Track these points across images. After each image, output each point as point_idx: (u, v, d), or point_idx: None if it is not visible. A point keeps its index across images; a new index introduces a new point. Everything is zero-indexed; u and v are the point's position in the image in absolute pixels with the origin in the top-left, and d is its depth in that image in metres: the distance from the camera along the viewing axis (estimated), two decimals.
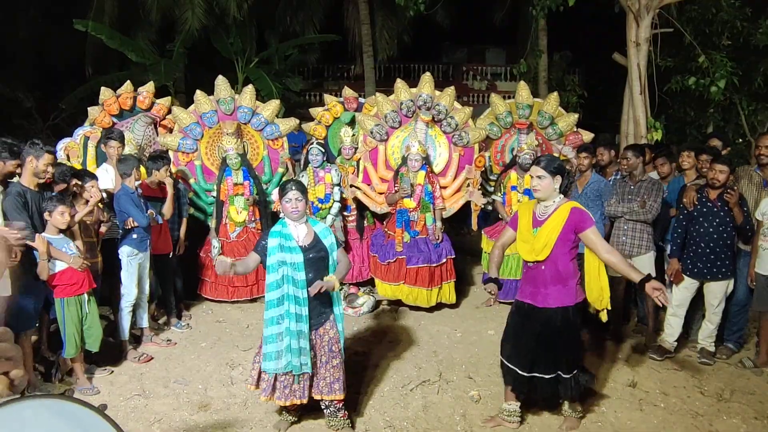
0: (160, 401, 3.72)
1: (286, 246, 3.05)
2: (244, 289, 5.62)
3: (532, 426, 3.41)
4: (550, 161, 3.10)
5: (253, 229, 5.68)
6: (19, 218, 3.52)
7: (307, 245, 3.09)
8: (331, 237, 3.20)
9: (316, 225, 3.22)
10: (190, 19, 10.56)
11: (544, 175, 3.05)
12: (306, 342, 3.07)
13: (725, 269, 4.23)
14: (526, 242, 3.14)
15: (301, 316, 3.05)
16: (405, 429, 3.40)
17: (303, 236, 3.11)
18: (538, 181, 3.07)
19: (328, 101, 6.42)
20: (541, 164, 3.08)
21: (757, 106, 8.27)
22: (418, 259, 5.28)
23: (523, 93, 5.97)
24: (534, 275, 3.15)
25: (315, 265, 3.09)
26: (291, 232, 3.10)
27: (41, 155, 3.65)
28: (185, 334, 4.93)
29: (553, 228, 3.04)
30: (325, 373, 3.17)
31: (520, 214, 3.24)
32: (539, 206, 3.16)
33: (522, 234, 3.18)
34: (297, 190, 3.08)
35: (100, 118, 5.76)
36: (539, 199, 3.13)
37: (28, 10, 11.27)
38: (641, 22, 6.69)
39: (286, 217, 3.13)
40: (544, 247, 3.04)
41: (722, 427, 3.43)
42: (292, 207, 3.07)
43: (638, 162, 4.60)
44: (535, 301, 3.14)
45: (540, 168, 3.07)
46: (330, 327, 3.18)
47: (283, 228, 3.11)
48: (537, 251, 3.07)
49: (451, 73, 17.37)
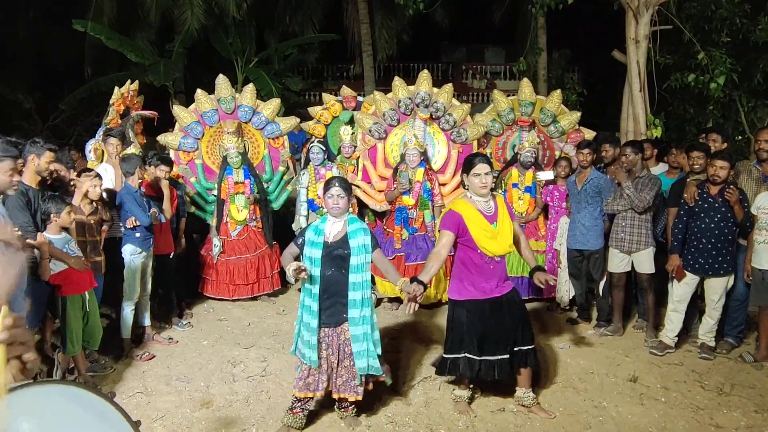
0: (163, 399, 3.73)
1: (311, 240, 3.14)
2: (245, 287, 5.64)
3: (533, 419, 3.42)
4: (486, 157, 3.31)
5: (254, 228, 5.69)
6: (22, 217, 3.53)
7: (332, 242, 3.13)
8: (363, 238, 3.15)
9: (353, 223, 3.21)
10: (190, 19, 10.58)
11: (489, 171, 3.22)
12: (314, 337, 3.11)
13: (726, 265, 4.24)
14: (492, 238, 3.20)
15: (312, 310, 3.11)
16: (407, 425, 3.41)
17: (335, 233, 3.15)
18: (487, 178, 3.20)
19: (327, 100, 6.44)
20: (486, 161, 3.23)
21: (757, 102, 8.28)
22: (417, 256, 5.29)
23: (526, 90, 5.96)
24: (496, 268, 3.28)
25: (334, 262, 3.12)
26: (324, 228, 3.16)
27: (43, 153, 3.67)
28: (187, 332, 4.93)
29: (508, 219, 3.26)
30: (342, 371, 3.20)
31: (463, 215, 3.20)
32: (478, 202, 3.25)
33: (482, 231, 3.19)
34: (340, 187, 3.13)
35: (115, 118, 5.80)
36: (484, 195, 3.24)
37: (27, 10, 11.28)
38: (640, 20, 6.71)
39: (328, 212, 3.20)
40: (511, 239, 3.25)
41: (723, 420, 3.44)
42: (334, 203, 3.12)
43: (637, 158, 4.61)
44: (501, 292, 3.30)
45: (487, 164, 3.21)
46: (348, 328, 3.17)
47: (321, 223, 3.19)
48: (510, 243, 3.25)
49: (450, 72, 17.39)
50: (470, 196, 3.28)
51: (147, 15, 11.02)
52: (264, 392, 3.79)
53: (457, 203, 3.32)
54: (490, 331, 3.29)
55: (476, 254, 3.22)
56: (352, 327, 3.14)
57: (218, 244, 5.58)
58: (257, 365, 4.23)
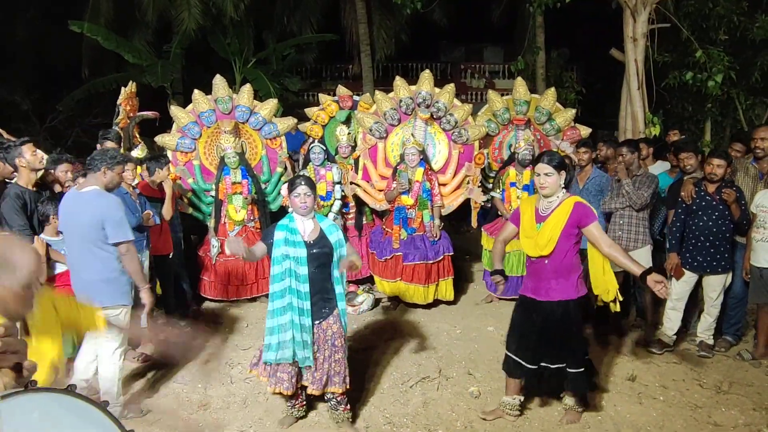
0: (160, 401, 3.73)
1: (291, 240, 3.10)
2: (242, 288, 5.63)
3: (531, 420, 3.42)
4: (554, 157, 3.14)
5: (252, 228, 5.68)
6: (19, 221, 3.52)
7: (312, 240, 3.14)
8: (337, 234, 3.22)
9: (323, 221, 3.26)
10: (187, 20, 10.56)
11: (551, 172, 3.07)
12: (309, 336, 3.11)
13: (724, 262, 4.24)
14: (529, 237, 3.16)
15: (303, 309, 3.10)
16: (405, 425, 3.41)
17: (309, 231, 3.16)
18: (545, 178, 3.09)
19: (323, 100, 6.43)
20: (547, 161, 3.10)
21: (755, 100, 8.28)
22: (415, 256, 5.28)
23: (520, 89, 5.96)
24: (537, 269, 3.18)
25: (318, 260, 3.13)
26: (297, 227, 3.15)
27: (21, 150, 3.62)
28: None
29: (556, 223, 3.07)
30: (327, 366, 3.20)
31: (522, 210, 3.26)
32: (542, 202, 3.18)
33: (525, 230, 3.20)
34: (306, 185, 3.13)
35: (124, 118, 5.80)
36: (546, 195, 3.14)
37: (25, 12, 11.27)
38: (638, 18, 6.70)
39: (294, 211, 3.19)
40: (548, 242, 3.07)
41: (721, 418, 3.43)
42: (301, 202, 3.12)
43: (634, 157, 4.61)
44: (537, 295, 3.18)
45: (547, 165, 3.09)
46: (334, 321, 3.21)
47: (290, 222, 3.16)
48: (541, 246, 3.09)
49: (449, 72, 17.36)
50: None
51: (144, 16, 10.99)
52: (261, 394, 3.78)
53: (527, 199, 3.39)
54: (526, 332, 3.24)
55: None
56: (342, 318, 3.23)
57: (216, 245, 5.57)
58: None
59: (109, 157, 3.29)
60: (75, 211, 3.22)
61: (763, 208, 4.18)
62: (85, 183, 3.33)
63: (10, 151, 3.65)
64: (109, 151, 3.43)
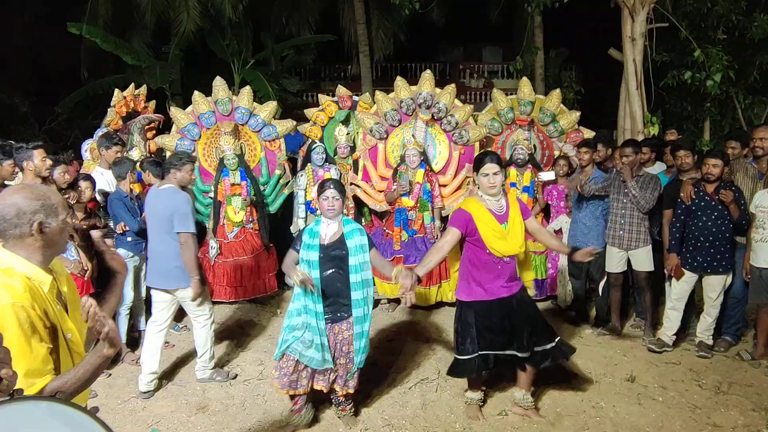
0: (159, 403, 3.72)
1: (307, 243, 3.15)
2: (241, 289, 5.62)
3: (531, 420, 3.41)
4: (497, 155, 3.23)
5: (251, 230, 5.67)
6: None
7: (329, 243, 3.16)
8: (359, 239, 3.19)
9: (348, 225, 3.25)
10: (185, 21, 10.56)
11: (499, 171, 3.15)
12: (325, 338, 3.14)
13: (724, 263, 4.23)
14: (501, 239, 3.16)
15: (317, 312, 3.12)
16: (403, 427, 3.40)
17: (330, 234, 3.18)
18: (495, 177, 3.15)
19: (323, 101, 6.42)
20: (496, 160, 3.16)
21: (753, 99, 8.28)
22: (416, 258, 5.25)
23: (525, 89, 5.93)
24: (505, 269, 3.22)
25: (332, 263, 3.14)
26: (319, 230, 3.18)
27: (32, 154, 3.69)
28: (183, 336, 4.91)
29: (518, 219, 3.21)
30: (337, 368, 3.24)
31: (473, 215, 3.16)
32: (490, 201, 3.20)
33: (491, 232, 3.15)
34: (335, 189, 3.17)
35: (115, 120, 5.80)
36: (494, 195, 3.19)
37: (23, 14, 11.27)
38: (636, 17, 6.69)
39: (322, 214, 3.22)
40: (522, 239, 3.20)
41: (720, 419, 3.42)
42: (329, 205, 3.15)
43: (637, 158, 4.60)
44: (510, 292, 3.26)
45: (496, 164, 3.15)
46: (346, 328, 3.20)
47: (315, 225, 3.21)
48: (519, 244, 3.19)
49: (448, 72, 17.36)
50: (481, 195, 3.23)
51: (142, 17, 10.98)
52: (260, 396, 3.78)
53: (468, 202, 3.29)
54: (501, 330, 3.25)
55: (485, 254, 3.18)
56: (357, 325, 3.19)
57: (215, 246, 5.56)
58: (254, 368, 4.22)
59: (177, 159, 3.81)
60: (154, 205, 3.79)
61: (762, 208, 4.17)
62: (164, 182, 3.88)
63: (20, 151, 3.71)
64: (179, 154, 4.00)
